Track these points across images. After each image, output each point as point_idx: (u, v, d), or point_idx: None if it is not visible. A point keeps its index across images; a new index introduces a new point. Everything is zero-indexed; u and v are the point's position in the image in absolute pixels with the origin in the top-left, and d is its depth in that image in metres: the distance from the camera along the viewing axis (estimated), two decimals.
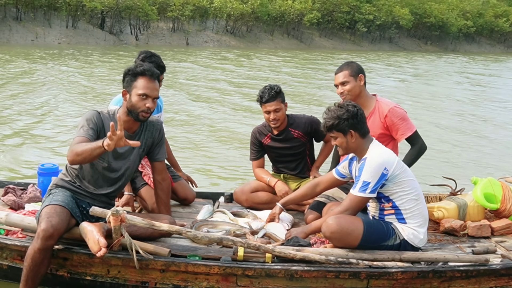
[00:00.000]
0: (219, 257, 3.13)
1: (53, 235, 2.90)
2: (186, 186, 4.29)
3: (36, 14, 28.05)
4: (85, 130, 3.10)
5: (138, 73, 3.18)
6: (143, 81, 3.17)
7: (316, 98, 13.60)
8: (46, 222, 2.91)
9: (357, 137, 3.22)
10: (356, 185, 3.20)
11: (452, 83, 19.80)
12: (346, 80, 3.80)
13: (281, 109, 4.11)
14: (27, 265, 2.91)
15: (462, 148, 8.97)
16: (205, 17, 34.86)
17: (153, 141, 3.41)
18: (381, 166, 3.13)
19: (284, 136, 4.26)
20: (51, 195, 3.18)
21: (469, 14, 47.62)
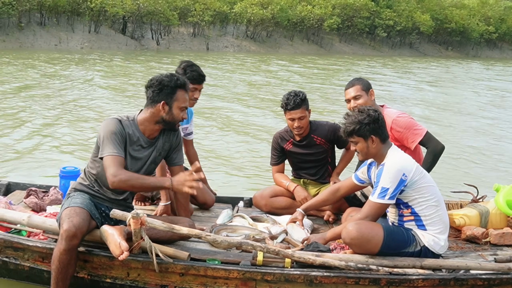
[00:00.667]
0: (238, 262, 3.13)
1: (76, 234, 2.92)
2: (205, 191, 4.28)
3: (60, 19, 28.50)
4: (116, 148, 3.08)
5: (179, 86, 3.21)
6: (184, 94, 3.23)
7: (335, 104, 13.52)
8: (68, 222, 2.93)
9: (378, 142, 3.20)
10: (374, 191, 3.18)
11: (472, 88, 19.57)
12: (359, 94, 3.82)
13: (306, 116, 4.09)
14: (55, 268, 2.94)
15: (484, 154, 8.84)
16: (226, 22, 35.04)
17: (170, 146, 3.42)
18: (399, 172, 3.10)
19: (306, 143, 4.24)
20: (69, 198, 3.21)
21: (491, 19, 47.03)
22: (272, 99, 13.09)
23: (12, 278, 3.32)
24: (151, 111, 3.22)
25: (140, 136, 3.23)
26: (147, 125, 3.23)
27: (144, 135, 3.25)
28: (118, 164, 3.05)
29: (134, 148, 3.21)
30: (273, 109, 11.55)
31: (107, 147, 3.07)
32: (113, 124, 3.15)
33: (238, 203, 4.47)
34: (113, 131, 3.11)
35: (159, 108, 3.18)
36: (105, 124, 3.17)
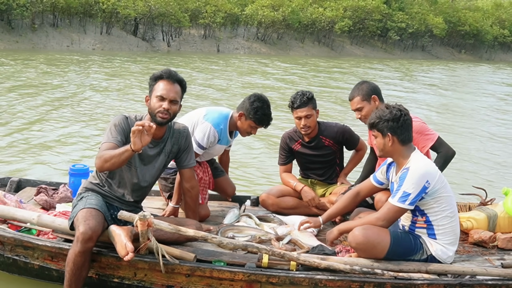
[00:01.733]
0: (243, 263, 3.15)
1: (92, 237, 2.95)
2: (227, 181, 4.38)
3: (72, 20, 28.75)
4: (113, 136, 3.16)
5: (158, 77, 3.27)
6: (162, 84, 3.25)
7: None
8: (84, 225, 2.96)
9: (395, 142, 3.15)
10: (395, 194, 3.11)
11: (483, 92, 19.46)
12: (360, 106, 3.83)
13: (312, 115, 4.11)
14: (70, 270, 2.96)
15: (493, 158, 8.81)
16: (236, 24, 35.12)
17: (179, 148, 3.45)
18: (423, 178, 3.05)
19: (315, 144, 4.26)
20: (83, 198, 3.24)
21: (506, 22, 46.68)
22: (281, 102, 13.10)
23: (22, 275, 3.37)
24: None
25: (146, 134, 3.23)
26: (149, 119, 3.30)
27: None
28: (105, 148, 3.10)
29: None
30: (282, 109, 11.56)
31: (106, 136, 3.18)
32: (117, 118, 3.25)
33: (245, 202, 4.49)
34: (115, 123, 3.21)
35: (146, 102, 3.31)
36: (112, 120, 3.26)
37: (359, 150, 4.40)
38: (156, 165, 3.39)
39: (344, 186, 4.24)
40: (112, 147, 3.10)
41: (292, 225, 3.84)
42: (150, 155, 3.33)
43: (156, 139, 3.33)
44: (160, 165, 3.42)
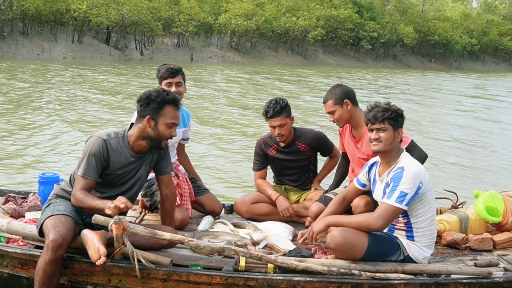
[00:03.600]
0: (221, 267, 3.11)
1: (63, 245, 2.89)
2: (213, 199, 4.30)
3: (43, 29, 28.33)
4: (90, 169, 3.10)
5: (167, 101, 3.15)
6: (172, 110, 3.16)
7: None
8: (54, 232, 2.90)
9: (398, 137, 3.18)
10: (391, 194, 3.05)
11: (451, 100, 19.94)
12: (332, 110, 3.85)
13: (286, 123, 4.11)
14: (39, 279, 2.89)
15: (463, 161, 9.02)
16: (210, 33, 35.14)
17: (158, 156, 3.40)
18: (418, 178, 3.05)
19: (290, 149, 4.26)
20: (51, 205, 3.18)
21: (474, 32, 47.83)
22: (255, 107, 13.14)
23: None
24: (139, 126, 3.19)
25: (128, 152, 3.22)
26: (134, 140, 3.21)
27: (133, 150, 3.24)
28: (83, 186, 3.09)
29: (121, 162, 3.20)
30: (255, 115, 11.64)
31: (82, 166, 3.12)
32: (96, 144, 3.13)
33: None
34: (93, 153, 3.11)
35: (145, 124, 3.15)
36: (89, 142, 3.16)
37: (333, 157, 4.42)
38: (137, 177, 3.34)
39: (318, 192, 4.25)
40: (87, 184, 3.10)
41: (267, 230, 3.83)
42: (132, 168, 3.29)
43: (139, 154, 3.28)
44: (143, 176, 3.38)
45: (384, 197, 3.11)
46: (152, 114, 3.14)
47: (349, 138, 3.96)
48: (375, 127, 3.18)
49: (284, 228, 3.91)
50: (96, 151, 3.11)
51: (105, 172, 3.19)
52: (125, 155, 3.21)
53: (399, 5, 48.48)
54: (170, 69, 4.05)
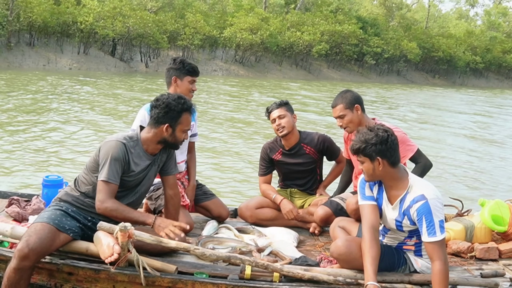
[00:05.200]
0: (226, 275, 3.10)
1: (28, 256, 2.87)
2: (220, 204, 4.32)
3: (49, 40, 28.53)
4: (113, 174, 3.14)
5: (185, 110, 3.27)
6: (188, 117, 3.30)
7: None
8: (23, 242, 2.91)
9: (386, 165, 2.95)
10: (433, 229, 2.87)
11: (460, 112, 20.00)
12: (342, 114, 3.84)
13: (286, 115, 4.17)
14: (3, 284, 2.89)
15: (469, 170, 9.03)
16: (215, 46, 35.30)
17: (167, 156, 3.46)
18: (441, 200, 2.94)
19: (295, 152, 4.28)
20: (44, 212, 3.20)
21: (477, 49, 47.94)
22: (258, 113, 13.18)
23: None
24: (154, 131, 3.27)
25: (143, 154, 3.30)
26: (149, 144, 3.30)
27: (147, 152, 3.31)
28: (109, 192, 3.11)
29: (136, 163, 3.26)
30: (257, 126, 11.71)
31: (105, 171, 3.12)
32: (117, 148, 3.17)
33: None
34: (116, 157, 3.15)
35: (163, 130, 3.24)
36: (109, 147, 3.18)
37: (339, 162, 4.43)
38: (148, 176, 3.39)
39: (323, 197, 4.26)
40: (113, 189, 3.14)
41: (271, 236, 3.82)
42: (142, 167, 3.32)
43: (153, 155, 3.35)
44: (152, 176, 3.43)
45: (427, 235, 2.89)
46: (170, 122, 3.24)
47: None
48: (357, 159, 3.09)
49: (289, 234, 3.90)
50: (119, 155, 3.15)
51: (124, 175, 3.22)
52: (142, 158, 3.28)
53: (403, 21, 48.72)
54: (196, 67, 4.17)
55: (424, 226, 2.91)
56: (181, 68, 4.10)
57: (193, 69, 4.13)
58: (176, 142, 3.32)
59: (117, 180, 3.15)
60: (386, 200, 3.10)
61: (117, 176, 3.15)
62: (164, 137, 3.27)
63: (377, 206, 3.13)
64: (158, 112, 3.24)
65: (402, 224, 3.06)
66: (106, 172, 3.12)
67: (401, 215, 3.04)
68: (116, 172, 3.14)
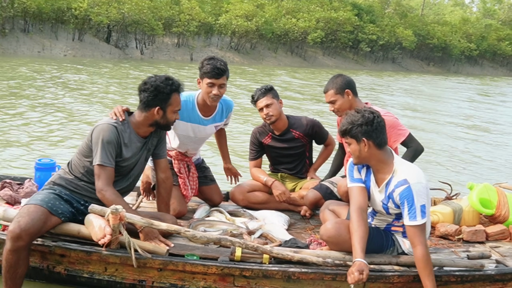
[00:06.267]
0: (216, 257, 3.14)
1: (21, 236, 2.89)
2: (216, 191, 4.32)
3: (44, 26, 28.31)
4: (109, 157, 3.15)
5: (174, 90, 3.28)
6: (178, 97, 3.32)
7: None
8: (14, 223, 2.94)
9: (372, 146, 2.99)
10: (414, 214, 2.91)
11: (452, 98, 20.16)
12: (333, 99, 3.87)
13: (273, 103, 4.17)
14: (3, 267, 2.93)
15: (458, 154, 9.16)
16: (210, 33, 35.11)
17: (158, 140, 3.48)
18: (425, 186, 2.97)
19: (285, 137, 4.31)
20: (35, 194, 3.23)
21: (472, 36, 47.89)
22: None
23: None
24: (145, 115, 3.29)
25: (134, 137, 3.32)
26: (140, 127, 3.33)
27: (138, 135, 3.34)
28: (107, 177, 3.14)
29: (127, 147, 3.28)
30: (249, 111, 11.80)
31: (99, 155, 3.14)
32: (109, 131, 3.18)
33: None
34: (108, 140, 3.16)
35: (153, 113, 3.26)
36: (100, 130, 3.19)
37: (328, 145, 4.48)
38: (142, 161, 3.43)
39: (314, 181, 4.31)
40: (111, 173, 3.17)
41: (263, 219, 3.86)
42: (133, 151, 3.34)
43: (144, 138, 3.38)
44: (144, 161, 3.47)
45: (408, 219, 2.95)
46: (161, 104, 3.25)
47: None
48: (345, 141, 3.14)
49: (279, 217, 3.94)
50: (110, 138, 3.17)
51: (117, 159, 3.23)
52: (134, 141, 3.30)
53: (399, 8, 48.51)
54: (216, 68, 3.72)
55: (406, 210, 2.96)
56: (200, 68, 3.80)
57: (210, 69, 3.71)
58: (168, 123, 3.35)
59: (112, 162, 3.17)
60: (374, 182, 3.15)
61: (112, 158, 3.17)
62: (155, 119, 3.28)
63: (366, 188, 3.17)
64: (147, 95, 3.24)
65: (388, 206, 3.11)
66: (100, 155, 3.14)
67: (386, 198, 3.08)
68: (110, 155, 3.16)
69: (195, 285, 3.08)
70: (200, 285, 3.08)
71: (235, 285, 3.07)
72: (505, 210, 3.91)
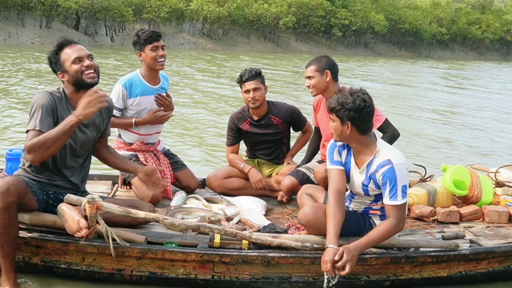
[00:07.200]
0: (195, 244, 3.14)
1: (10, 190, 2.82)
2: (190, 175, 4.33)
3: (9, 13, 27.56)
4: (42, 122, 2.98)
5: (59, 49, 3.13)
6: (69, 50, 3.12)
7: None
8: (1, 181, 2.85)
9: (354, 131, 3.01)
10: (395, 193, 2.95)
11: (427, 81, 20.45)
12: (311, 75, 3.92)
13: (260, 89, 4.19)
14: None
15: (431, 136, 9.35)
16: (182, 19, 34.72)
17: (108, 117, 3.42)
18: (407, 167, 3.02)
19: (264, 122, 4.32)
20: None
21: (443, 21, 48.46)
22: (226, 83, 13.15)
23: None
24: (65, 85, 3.19)
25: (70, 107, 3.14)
26: (70, 95, 3.17)
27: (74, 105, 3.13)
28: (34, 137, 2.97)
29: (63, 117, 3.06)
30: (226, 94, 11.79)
31: (33, 120, 3.00)
32: (44, 97, 3.07)
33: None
34: (42, 105, 3.03)
35: (61, 79, 3.16)
36: (35, 97, 3.09)
37: (305, 132, 4.51)
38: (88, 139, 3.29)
39: (290, 166, 4.33)
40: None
41: (240, 205, 3.87)
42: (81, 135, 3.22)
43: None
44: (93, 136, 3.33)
45: (388, 198, 2.99)
46: (58, 69, 3.15)
47: (323, 112, 4.02)
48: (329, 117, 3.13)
49: (257, 203, 3.96)
50: (45, 103, 3.04)
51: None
52: (69, 110, 3.12)
53: None
54: (153, 32, 4.03)
55: (387, 189, 2.99)
56: (138, 40, 4.03)
57: (149, 35, 3.99)
58: (78, 75, 3.08)
59: (44, 126, 2.97)
60: (354, 164, 3.17)
61: (47, 123, 2.99)
62: (68, 81, 3.13)
63: (345, 171, 3.19)
64: (50, 67, 3.21)
65: (368, 188, 3.14)
66: (34, 120, 2.98)
67: (367, 179, 3.11)
68: (45, 119, 2.99)
69: (174, 273, 3.08)
70: (180, 272, 3.07)
71: (215, 271, 3.07)
72: (478, 190, 3.99)
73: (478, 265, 3.29)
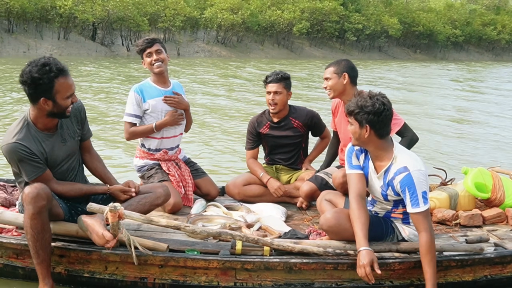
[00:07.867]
0: (217, 251, 3.14)
1: (40, 194, 2.83)
2: (210, 182, 4.37)
3: (28, 26, 28.02)
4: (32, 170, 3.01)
5: (55, 77, 2.90)
6: (64, 81, 2.94)
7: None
8: (29, 188, 2.86)
9: (372, 134, 2.97)
10: (417, 201, 2.90)
11: (442, 83, 20.25)
12: (329, 77, 3.92)
13: (282, 93, 4.20)
14: (31, 237, 2.86)
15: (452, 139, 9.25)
16: (196, 27, 34.97)
17: (82, 122, 3.32)
18: (425, 172, 2.97)
19: (284, 124, 4.33)
20: None
21: (457, 22, 48.09)
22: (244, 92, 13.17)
23: None
24: (37, 108, 2.99)
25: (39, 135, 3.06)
26: (41, 121, 3.04)
27: (44, 132, 3.08)
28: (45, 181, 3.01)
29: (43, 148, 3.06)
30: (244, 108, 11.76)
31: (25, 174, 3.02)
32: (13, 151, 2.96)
33: None
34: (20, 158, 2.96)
35: (42, 105, 2.95)
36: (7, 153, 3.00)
37: (324, 138, 4.49)
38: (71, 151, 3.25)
39: (309, 172, 4.32)
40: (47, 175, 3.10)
41: (260, 212, 3.86)
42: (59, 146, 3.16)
43: (51, 132, 3.12)
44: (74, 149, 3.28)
45: (411, 206, 2.94)
46: (45, 95, 2.91)
47: (342, 116, 4.00)
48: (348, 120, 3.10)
49: (276, 209, 3.95)
50: (20, 156, 2.96)
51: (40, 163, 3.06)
52: (41, 139, 3.06)
53: None
54: (146, 39, 4.17)
55: (407, 197, 2.95)
56: (138, 52, 4.19)
57: (141, 44, 4.15)
58: (63, 110, 3.00)
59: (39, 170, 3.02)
60: (373, 168, 3.14)
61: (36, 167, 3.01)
62: (48, 110, 2.98)
63: (364, 175, 3.17)
64: (28, 89, 2.92)
65: (387, 194, 3.11)
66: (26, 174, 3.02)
67: (386, 186, 3.08)
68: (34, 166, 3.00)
69: (196, 280, 3.07)
70: (202, 280, 3.07)
71: (237, 278, 3.06)
72: (501, 193, 3.93)
73: (504, 268, 3.22)
